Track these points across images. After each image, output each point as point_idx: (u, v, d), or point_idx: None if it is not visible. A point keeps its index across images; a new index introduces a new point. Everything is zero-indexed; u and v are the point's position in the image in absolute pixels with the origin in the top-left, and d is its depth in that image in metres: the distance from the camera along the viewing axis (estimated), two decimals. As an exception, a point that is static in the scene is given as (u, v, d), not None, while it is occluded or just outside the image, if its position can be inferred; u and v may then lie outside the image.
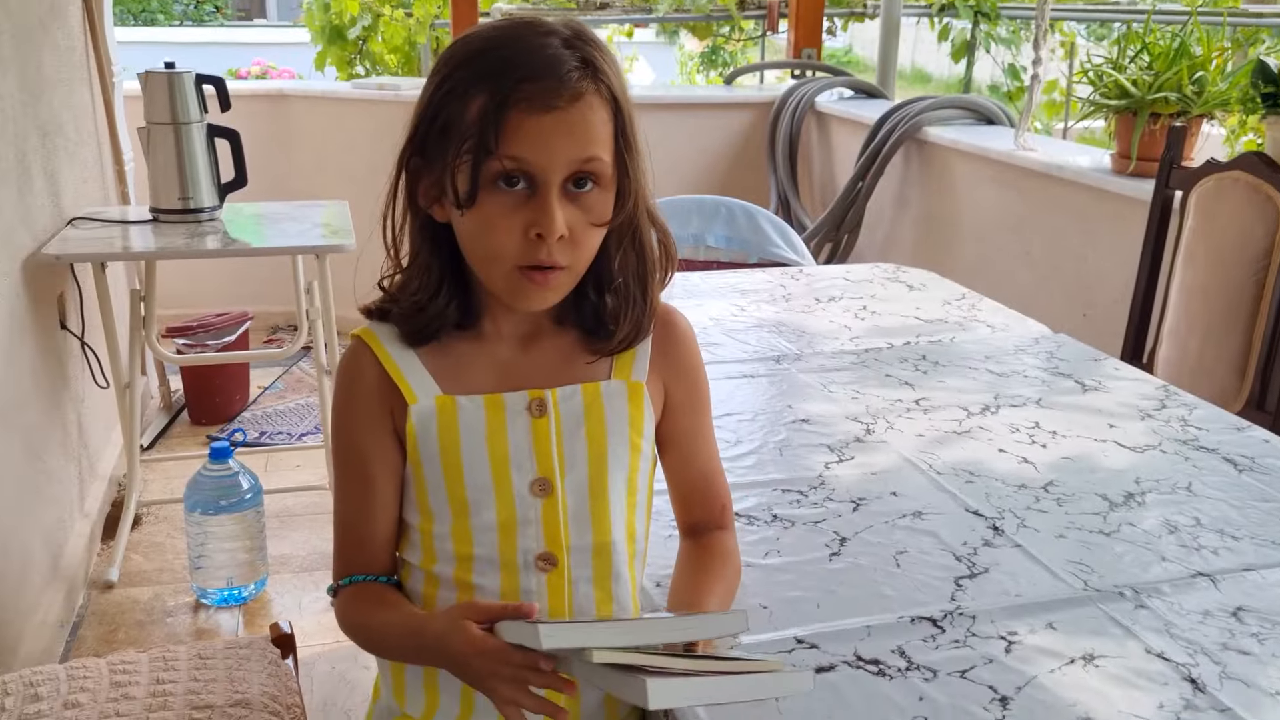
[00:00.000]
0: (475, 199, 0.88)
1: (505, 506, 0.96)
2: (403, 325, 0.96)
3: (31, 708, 1.30)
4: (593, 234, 0.92)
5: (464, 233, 0.92)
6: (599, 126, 0.89)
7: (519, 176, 0.88)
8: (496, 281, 0.92)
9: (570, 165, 0.88)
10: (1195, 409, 1.62)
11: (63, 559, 2.30)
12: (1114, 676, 0.98)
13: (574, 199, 0.90)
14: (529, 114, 0.86)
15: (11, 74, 2.21)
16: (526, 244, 0.89)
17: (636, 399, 1.00)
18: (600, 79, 0.89)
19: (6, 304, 2.08)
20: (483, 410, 0.96)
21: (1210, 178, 2.29)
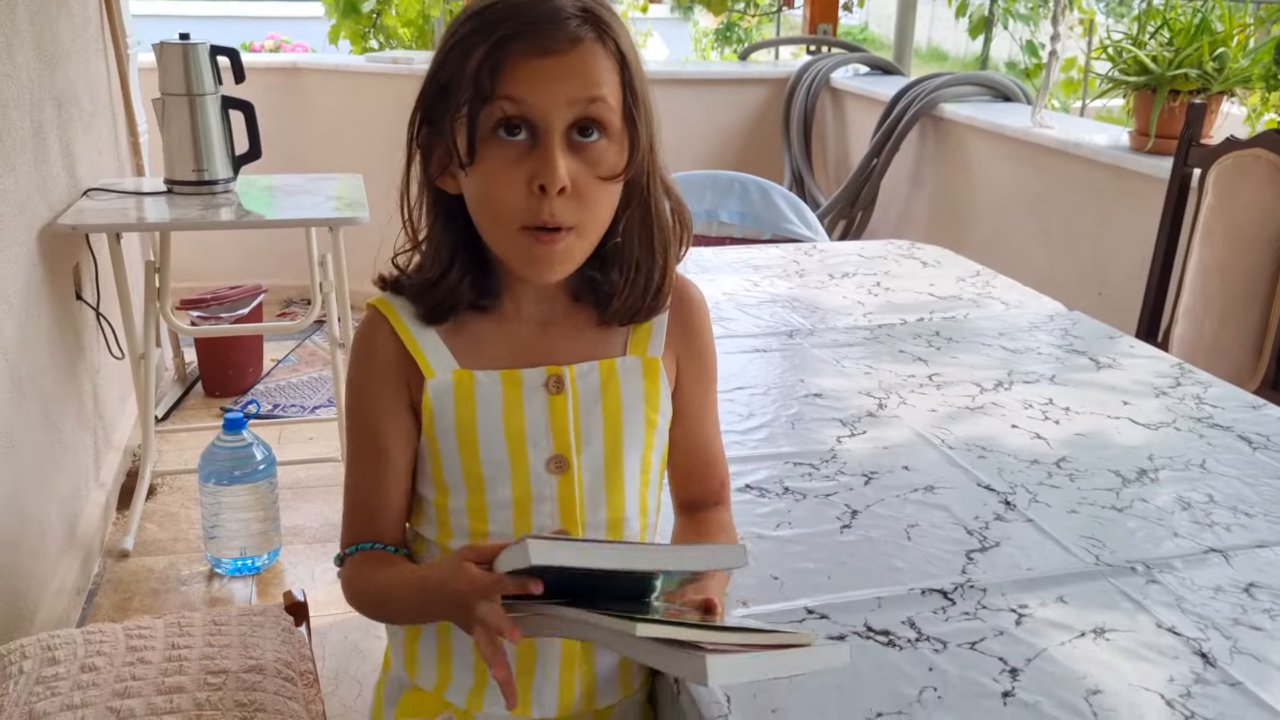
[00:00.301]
0: (475, 153, 0.86)
1: (520, 483, 0.94)
2: (417, 303, 0.94)
3: (49, 670, 1.32)
4: (601, 190, 0.88)
5: (470, 197, 0.90)
6: (602, 73, 0.86)
7: (519, 124, 0.85)
8: (504, 247, 0.90)
9: (572, 108, 0.85)
10: (1210, 387, 1.62)
11: (79, 528, 2.32)
12: (1124, 650, 0.98)
13: (579, 150, 0.86)
14: (527, 56, 0.84)
15: (28, 45, 2.21)
16: (530, 200, 0.85)
17: (652, 374, 0.98)
18: (604, 30, 0.87)
19: (23, 274, 2.09)
20: (499, 386, 0.94)
21: (1230, 155, 2.27)
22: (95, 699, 1.27)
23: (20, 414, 1.98)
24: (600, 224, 0.91)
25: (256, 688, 1.32)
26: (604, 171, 0.88)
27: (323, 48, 4.95)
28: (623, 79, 0.88)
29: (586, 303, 0.97)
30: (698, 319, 1.03)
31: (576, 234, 0.88)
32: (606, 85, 0.86)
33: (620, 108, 0.88)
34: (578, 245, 0.90)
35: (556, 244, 0.88)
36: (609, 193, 0.89)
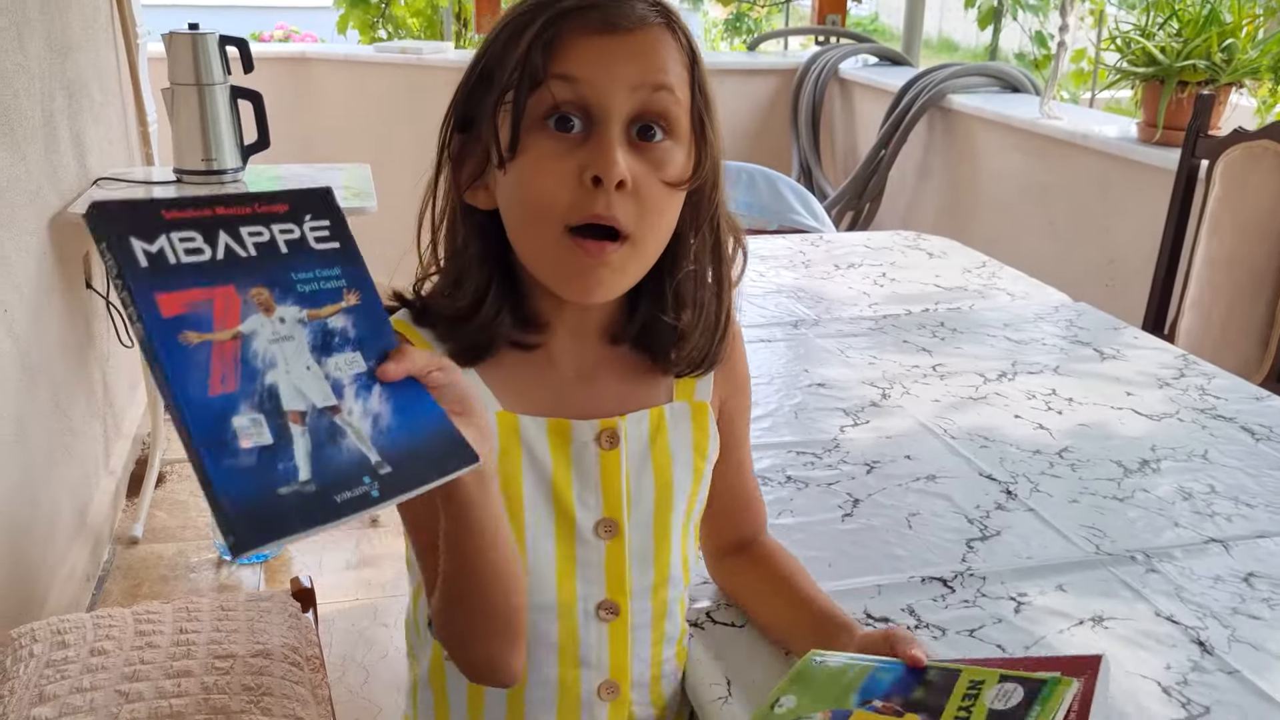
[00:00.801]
0: (517, 146, 0.74)
1: (566, 546, 0.84)
2: (449, 340, 0.81)
3: (59, 654, 1.34)
4: (664, 196, 0.76)
5: (506, 199, 0.77)
6: (670, 60, 0.75)
7: (572, 114, 0.73)
8: (541, 257, 0.77)
9: (635, 94, 0.73)
10: (1214, 378, 1.62)
11: (89, 514, 2.34)
12: (1122, 638, 0.99)
13: (641, 150, 0.75)
14: (585, 32, 0.73)
15: (38, 35, 2.23)
16: (581, 193, 0.73)
17: (701, 420, 0.88)
18: (674, 20, 0.77)
19: (34, 262, 2.11)
20: (546, 436, 0.82)
21: (1238, 147, 2.26)
22: (104, 682, 1.28)
23: (31, 401, 2.00)
24: (660, 239, 0.79)
25: (264, 672, 1.33)
26: (669, 176, 0.76)
27: (331, 38, 4.96)
28: (693, 75, 0.77)
29: (630, 346, 0.85)
30: (740, 350, 0.94)
31: (631, 246, 0.76)
32: (674, 75, 0.76)
33: (689, 106, 0.77)
34: (630, 262, 0.77)
35: (606, 255, 0.75)
36: (673, 202, 0.78)
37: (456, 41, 4.39)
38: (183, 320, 0.55)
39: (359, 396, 0.59)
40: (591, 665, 0.88)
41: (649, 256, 0.79)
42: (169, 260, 0.56)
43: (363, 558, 2.42)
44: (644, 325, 0.84)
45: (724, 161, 0.83)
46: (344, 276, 0.62)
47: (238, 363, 0.56)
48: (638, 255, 0.77)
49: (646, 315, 0.84)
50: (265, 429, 0.55)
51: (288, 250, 0.60)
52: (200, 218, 0.58)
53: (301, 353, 0.59)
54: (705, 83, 0.78)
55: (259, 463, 0.54)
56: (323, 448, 0.56)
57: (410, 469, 0.58)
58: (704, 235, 0.82)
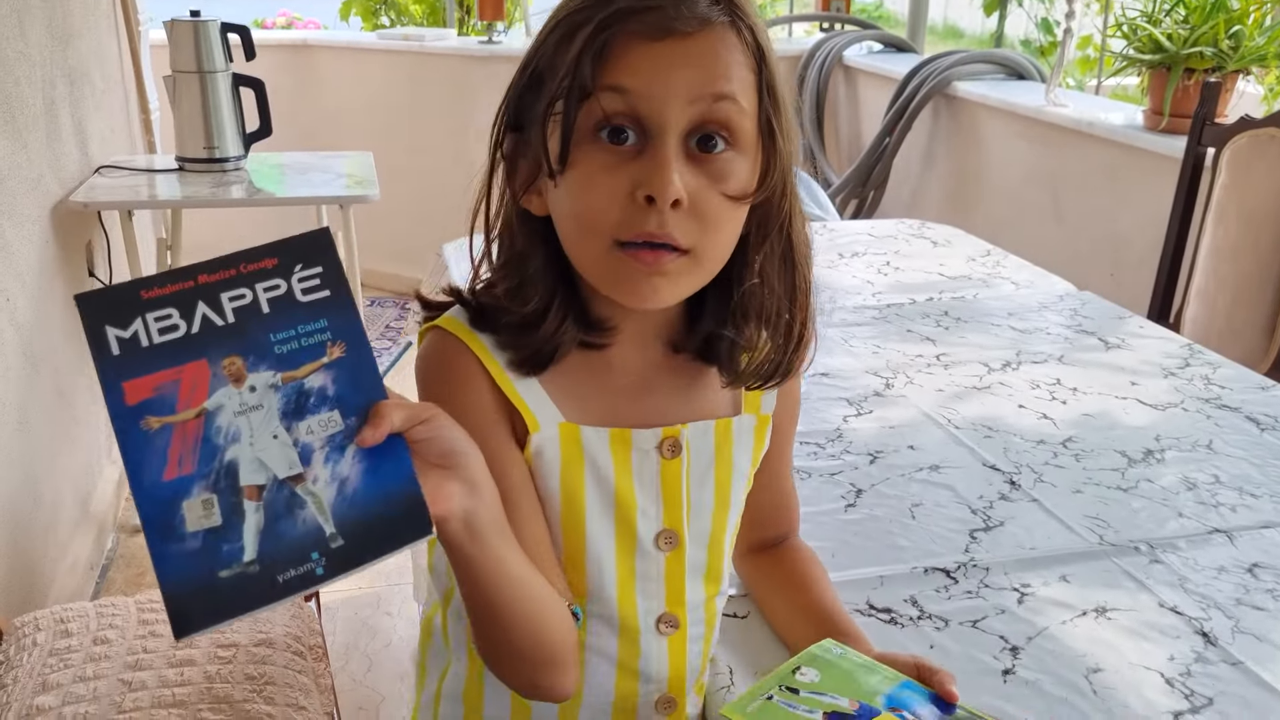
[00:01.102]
0: (567, 157, 0.70)
1: (626, 560, 0.81)
2: (512, 349, 0.77)
3: (62, 643, 1.34)
4: (726, 209, 0.72)
5: (559, 211, 0.74)
6: (733, 65, 0.70)
7: (625, 125, 0.69)
8: (592, 268, 0.74)
9: (694, 106, 0.69)
10: (1219, 368, 1.61)
11: (92, 503, 2.34)
12: (1125, 629, 0.99)
13: (700, 162, 0.70)
14: (639, 38, 0.68)
15: (39, 22, 2.22)
16: (633, 209, 0.69)
17: (762, 433, 0.86)
18: (740, 15, 0.71)
19: (36, 250, 2.10)
20: (608, 445, 0.79)
21: (1244, 135, 2.25)
22: (107, 671, 1.29)
23: (34, 390, 2.00)
24: (722, 252, 0.75)
25: (266, 661, 1.33)
26: (731, 189, 0.71)
27: (334, 24, 4.95)
28: (760, 77, 0.72)
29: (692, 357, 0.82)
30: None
31: (692, 260, 0.72)
32: (738, 81, 0.70)
33: (755, 112, 0.72)
34: (688, 273, 0.73)
35: (661, 264, 0.71)
36: (736, 215, 0.74)
37: (459, 28, 4.37)
38: (146, 406, 0.56)
39: (329, 461, 0.59)
40: (651, 679, 0.86)
41: (710, 269, 0.75)
42: (141, 344, 0.57)
43: (366, 546, 2.42)
44: (706, 337, 0.80)
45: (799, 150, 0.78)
46: (330, 329, 0.60)
47: (198, 442, 0.57)
48: (697, 267, 0.73)
49: (714, 326, 0.80)
50: (216, 510, 0.56)
51: (270, 309, 0.60)
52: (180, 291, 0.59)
53: (270, 421, 0.58)
54: (775, 84, 0.73)
55: (203, 546, 0.55)
56: (277, 521, 0.57)
57: (363, 541, 0.58)
58: (772, 243, 0.77)
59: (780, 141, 0.73)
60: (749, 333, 0.79)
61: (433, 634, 0.91)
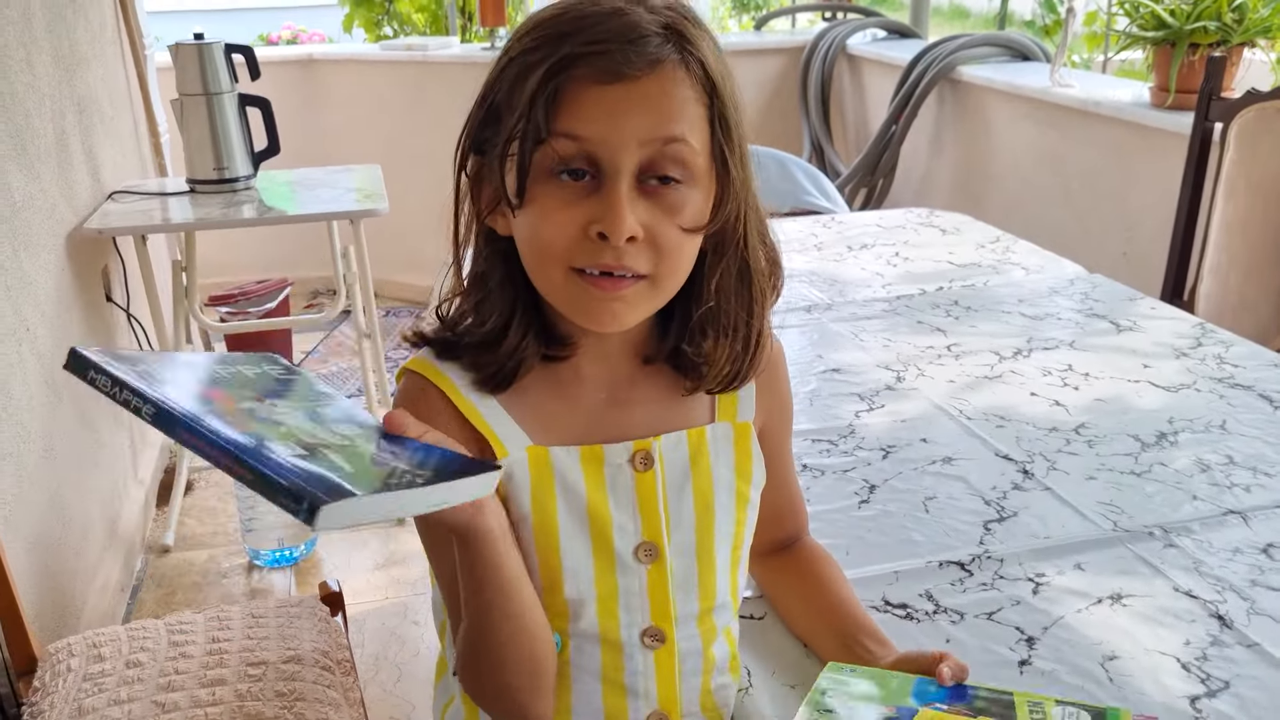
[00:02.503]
0: (524, 194, 0.73)
1: (606, 575, 0.82)
2: (475, 369, 0.80)
3: (95, 667, 1.36)
4: (681, 239, 0.74)
5: (519, 238, 0.76)
6: (684, 104, 0.72)
7: (581, 166, 0.71)
8: (552, 292, 0.76)
9: (644, 147, 0.71)
10: (1232, 346, 1.61)
11: (120, 525, 2.37)
12: (1141, 615, 0.99)
13: (654, 195, 0.73)
14: (590, 83, 0.70)
15: (46, 53, 2.25)
16: (587, 243, 0.72)
17: (744, 442, 0.87)
18: (688, 50, 0.73)
19: (53, 279, 2.13)
20: (579, 464, 0.81)
21: (1251, 108, 2.24)
22: (141, 694, 1.31)
23: (57, 417, 2.03)
24: (679, 276, 0.77)
25: (296, 677, 1.35)
26: (685, 221, 0.74)
27: (339, 36, 4.97)
28: (711, 110, 0.74)
29: (664, 367, 0.84)
30: (781, 368, 0.93)
31: (650, 285, 0.75)
32: (688, 121, 0.72)
33: (707, 147, 0.74)
34: (647, 297, 0.76)
35: (620, 290, 0.74)
36: (692, 242, 0.76)
37: (462, 36, 4.39)
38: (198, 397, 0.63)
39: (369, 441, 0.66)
40: (639, 694, 0.86)
41: (668, 291, 0.77)
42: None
43: (391, 556, 2.45)
44: (673, 349, 0.83)
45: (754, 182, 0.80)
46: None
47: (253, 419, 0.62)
48: (655, 290, 0.76)
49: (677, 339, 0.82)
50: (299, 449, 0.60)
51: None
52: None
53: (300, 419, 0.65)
54: (727, 114, 0.74)
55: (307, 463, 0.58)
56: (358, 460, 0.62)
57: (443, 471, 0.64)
58: (729, 262, 0.79)
59: (734, 170, 0.75)
60: (707, 347, 0.81)
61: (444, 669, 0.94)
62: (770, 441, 0.92)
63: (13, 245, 1.90)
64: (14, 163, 1.96)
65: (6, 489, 1.71)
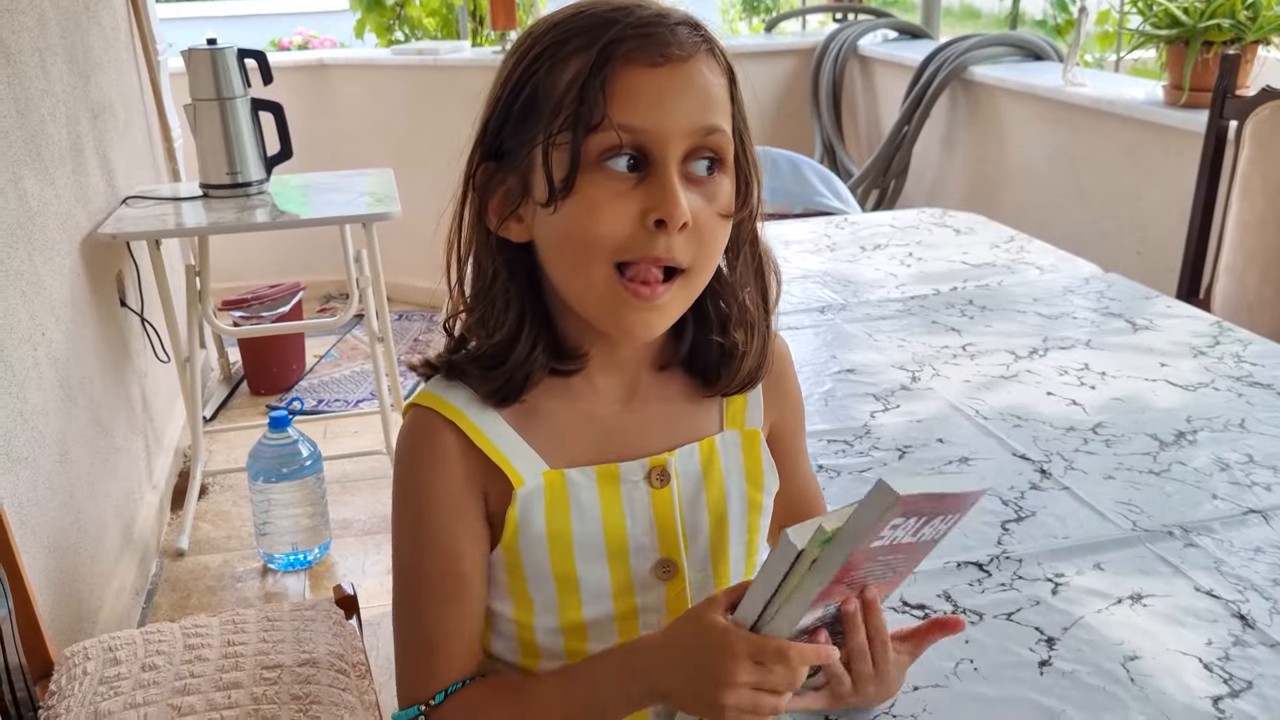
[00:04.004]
0: (573, 184, 0.71)
1: (624, 595, 0.81)
2: (482, 385, 0.78)
3: (111, 670, 1.36)
4: (720, 228, 0.75)
5: (552, 237, 0.74)
6: (718, 91, 0.74)
7: (631, 153, 0.71)
8: (589, 294, 0.75)
9: (690, 136, 0.72)
10: (1250, 344, 1.60)
11: (135, 529, 2.38)
12: (1162, 615, 0.98)
13: (695, 184, 0.73)
14: (640, 68, 0.70)
15: (60, 59, 2.26)
16: (641, 233, 0.72)
17: (753, 450, 0.86)
18: (711, 39, 0.75)
19: (68, 284, 2.14)
20: (595, 484, 0.80)
21: (1266, 106, 2.22)
22: (156, 697, 1.31)
23: (72, 421, 2.04)
24: (711, 268, 0.78)
25: (311, 681, 1.35)
26: (723, 208, 0.75)
27: (351, 41, 4.99)
28: (733, 101, 0.76)
29: (677, 372, 0.84)
30: (788, 368, 0.92)
31: (684, 281, 0.75)
32: (723, 110, 0.74)
33: (731, 136, 0.76)
34: (681, 296, 0.76)
35: (658, 297, 0.74)
36: (726, 231, 0.77)
37: (473, 39, 4.40)
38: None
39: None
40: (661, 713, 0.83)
41: (699, 287, 0.77)
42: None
43: (405, 559, 2.45)
44: (693, 348, 0.82)
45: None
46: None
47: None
48: (688, 289, 0.76)
49: (697, 338, 0.82)
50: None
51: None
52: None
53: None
54: (742, 101, 0.77)
55: None
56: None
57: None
58: (746, 255, 0.81)
59: (752, 159, 0.77)
60: (739, 338, 0.81)
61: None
62: (785, 441, 0.91)
63: (28, 250, 1.91)
64: (29, 168, 1.97)
65: (23, 493, 1.71)
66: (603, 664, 0.77)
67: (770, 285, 0.83)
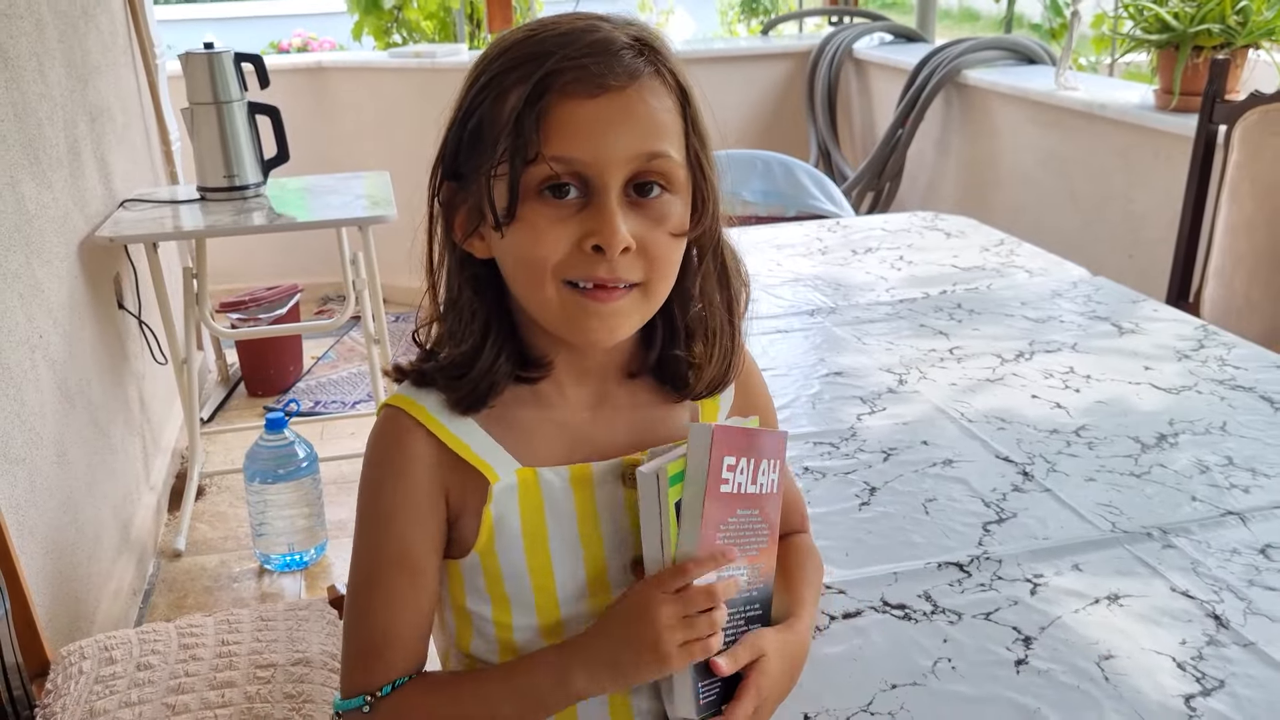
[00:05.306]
0: (514, 213, 0.73)
1: (601, 594, 0.82)
2: (450, 391, 0.80)
3: (107, 670, 1.38)
4: (670, 247, 0.76)
5: (505, 258, 0.77)
6: (663, 115, 0.74)
7: (569, 182, 0.72)
8: (546, 310, 0.76)
9: (631, 163, 0.73)
10: (1234, 348, 1.61)
11: (132, 530, 2.39)
12: (1138, 615, 1.00)
13: (640, 207, 0.74)
14: (575, 98, 0.71)
15: (58, 63, 2.27)
16: (581, 257, 0.73)
17: None
18: (660, 61, 0.75)
19: (65, 286, 2.16)
20: (569, 485, 0.81)
21: (1254, 111, 2.24)
22: (151, 696, 1.33)
23: (70, 423, 2.05)
24: (669, 282, 0.78)
25: (304, 680, 1.37)
26: (672, 228, 0.76)
27: (350, 43, 5.01)
28: (685, 120, 0.76)
29: (647, 380, 0.85)
30: (755, 374, 0.94)
31: (641, 293, 0.76)
32: (669, 135, 0.75)
33: (684, 155, 0.76)
34: (640, 305, 0.77)
35: (613, 301, 0.75)
36: (678, 248, 0.78)
37: (470, 42, 4.42)
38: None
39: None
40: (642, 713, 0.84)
41: (658, 299, 0.78)
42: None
43: (400, 560, 2.46)
44: (661, 356, 0.84)
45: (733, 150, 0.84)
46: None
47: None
48: (647, 300, 0.77)
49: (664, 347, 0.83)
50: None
51: None
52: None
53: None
54: (699, 120, 0.77)
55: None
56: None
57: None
58: (709, 265, 0.82)
59: (709, 171, 0.77)
60: (698, 350, 0.83)
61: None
62: None
63: (25, 254, 1.93)
64: (26, 172, 1.99)
65: (20, 494, 1.73)
66: (542, 657, 0.79)
67: (737, 293, 0.84)
